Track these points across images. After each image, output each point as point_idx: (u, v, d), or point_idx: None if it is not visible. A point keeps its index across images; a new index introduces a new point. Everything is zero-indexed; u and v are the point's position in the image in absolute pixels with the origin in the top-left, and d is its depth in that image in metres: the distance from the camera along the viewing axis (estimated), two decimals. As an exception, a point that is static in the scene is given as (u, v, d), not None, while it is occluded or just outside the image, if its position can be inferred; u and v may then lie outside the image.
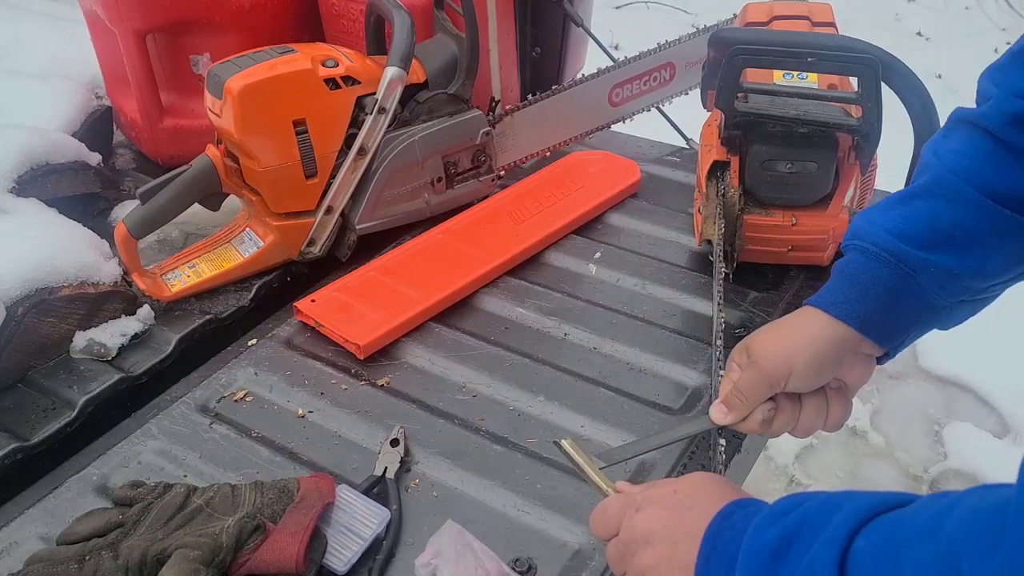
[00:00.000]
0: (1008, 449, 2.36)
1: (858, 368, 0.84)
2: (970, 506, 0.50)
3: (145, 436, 1.01)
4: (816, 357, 0.80)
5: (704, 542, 0.65)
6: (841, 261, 0.84)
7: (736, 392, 0.83)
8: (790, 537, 0.59)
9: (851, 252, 0.83)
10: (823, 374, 0.82)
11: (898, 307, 0.80)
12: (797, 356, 0.80)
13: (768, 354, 0.81)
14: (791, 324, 0.83)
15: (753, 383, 0.82)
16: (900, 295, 0.79)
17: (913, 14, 5.06)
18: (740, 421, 0.84)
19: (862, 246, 0.81)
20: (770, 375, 0.81)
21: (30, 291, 1.04)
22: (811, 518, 0.59)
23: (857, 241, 0.82)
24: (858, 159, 1.19)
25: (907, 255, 0.79)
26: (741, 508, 0.66)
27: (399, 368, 1.10)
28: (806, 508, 0.60)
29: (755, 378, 0.82)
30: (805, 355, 0.80)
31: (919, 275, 0.79)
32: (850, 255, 0.83)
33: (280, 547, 0.80)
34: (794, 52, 1.08)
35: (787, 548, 0.58)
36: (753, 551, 0.60)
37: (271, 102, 1.16)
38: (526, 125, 1.44)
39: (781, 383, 0.81)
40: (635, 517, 0.71)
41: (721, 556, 0.63)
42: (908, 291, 0.79)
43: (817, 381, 0.82)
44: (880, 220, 0.81)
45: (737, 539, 0.62)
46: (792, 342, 0.81)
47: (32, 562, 0.80)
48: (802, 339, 0.81)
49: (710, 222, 1.18)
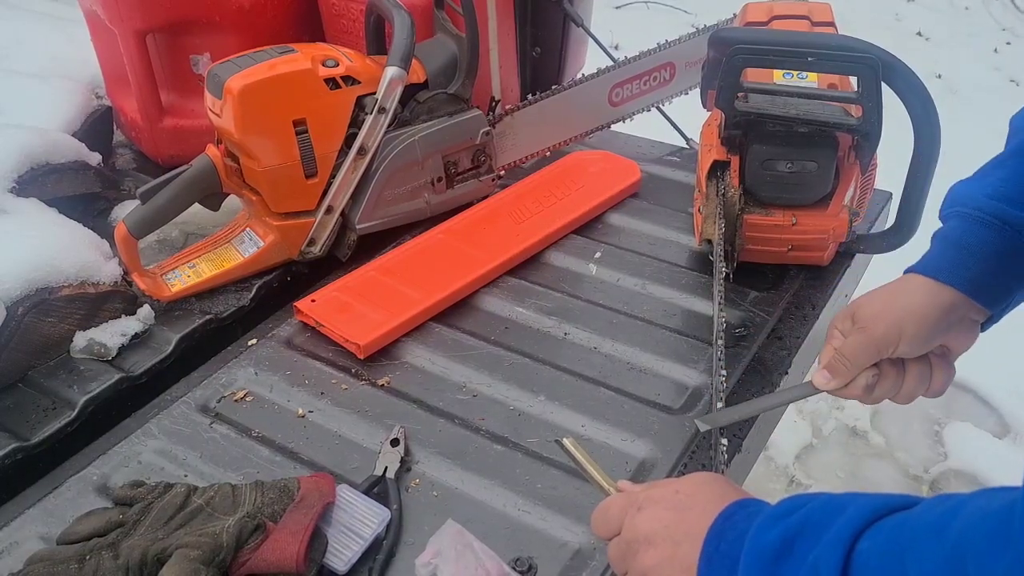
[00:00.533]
0: (1008, 449, 2.36)
1: (964, 333, 0.85)
2: (976, 508, 0.50)
3: (145, 436, 1.01)
4: (926, 322, 0.81)
5: (706, 543, 0.65)
6: (942, 229, 0.84)
7: (840, 357, 0.83)
8: (793, 538, 0.59)
9: (952, 219, 0.84)
10: (932, 339, 0.82)
11: (1005, 269, 0.81)
12: (907, 321, 0.81)
13: (877, 319, 0.82)
14: (897, 290, 0.84)
15: (860, 347, 0.82)
16: (1007, 256, 0.80)
17: (913, 14, 5.06)
18: (843, 387, 0.84)
19: (963, 211, 0.82)
20: (879, 339, 0.81)
21: (30, 291, 1.04)
22: (814, 519, 0.59)
23: (958, 207, 0.83)
24: (858, 159, 1.19)
25: (1010, 216, 0.80)
26: (743, 508, 0.66)
27: (399, 368, 1.10)
28: (809, 509, 0.60)
29: (862, 342, 0.82)
30: (915, 320, 0.81)
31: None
32: (951, 222, 0.84)
33: (280, 547, 0.80)
34: (794, 52, 1.08)
35: (790, 549, 0.58)
36: (755, 551, 0.60)
37: (271, 102, 1.16)
38: (526, 125, 1.44)
39: (890, 348, 0.82)
40: (637, 517, 0.71)
41: (723, 557, 0.63)
42: (1014, 252, 0.80)
43: (925, 347, 0.83)
44: (979, 185, 0.83)
45: (739, 539, 0.62)
46: (901, 307, 0.81)
47: (32, 562, 0.80)
48: (912, 304, 0.81)
49: (710, 222, 1.18)
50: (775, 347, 1.14)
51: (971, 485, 2.27)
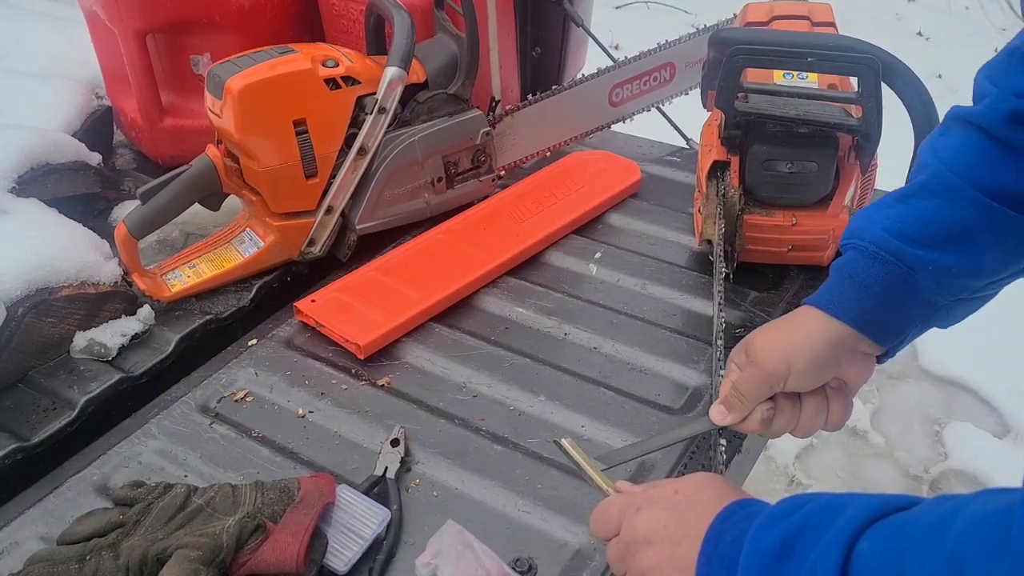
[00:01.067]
0: (1008, 449, 2.36)
1: (858, 367, 0.84)
2: (975, 511, 0.50)
3: (145, 436, 1.01)
4: (815, 356, 0.80)
5: (705, 543, 0.65)
6: (839, 260, 0.84)
7: (735, 392, 0.83)
8: (793, 538, 0.58)
9: (849, 251, 0.83)
10: (822, 373, 0.82)
11: (896, 305, 0.80)
12: (796, 355, 0.80)
13: (767, 353, 0.81)
14: (790, 323, 0.83)
15: (752, 382, 0.82)
16: (898, 293, 0.79)
17: (913, 14, 5.07)
18: (740, 421, 0.84)
19: (860, 245, 0.81)
20: (769, 374, 0.81)
21: (30, 291, 1.04)
22: (814, 519, 0.59)
23: (855, 240, 0.82)
24: (858, 159, 1.19)
25: (905, 253, 0.78)
26: (742, 509, 0.66)
27: (399, 368, 1.10)
28: (809, 509, 0.60)
29: (754, 377, 0.82)
30: (804, 354, 0.80)
31: (917, 273, 0.79)
32: (848, 254, 0.83)
33: (281, 547, 0.80)
34: (794, 52, 1.08)
35: (790, 549, 0.58)
36: (755, 552, 0.60)
37: (271, 102, 1.15)
38: (526, 125, 1.44)
39: (780, 382, 0.81)
40: (635, 517, 0.71)
41: (722, 557, 0.63)
42: (906, 289, 0.79)
43: (816, 380, 0.82)
44: (878, 218, 0.81)
45: (738, 540, 0.62)
46: (791, 341, 0.81)
47: (32, 562, 0.80)
48: (800, 338, 0.81)
49: (710, 222, 1.18)
50: (775, 347, 1.14)
51: (971, 485, 2.27)
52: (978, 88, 0.81)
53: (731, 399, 0.83)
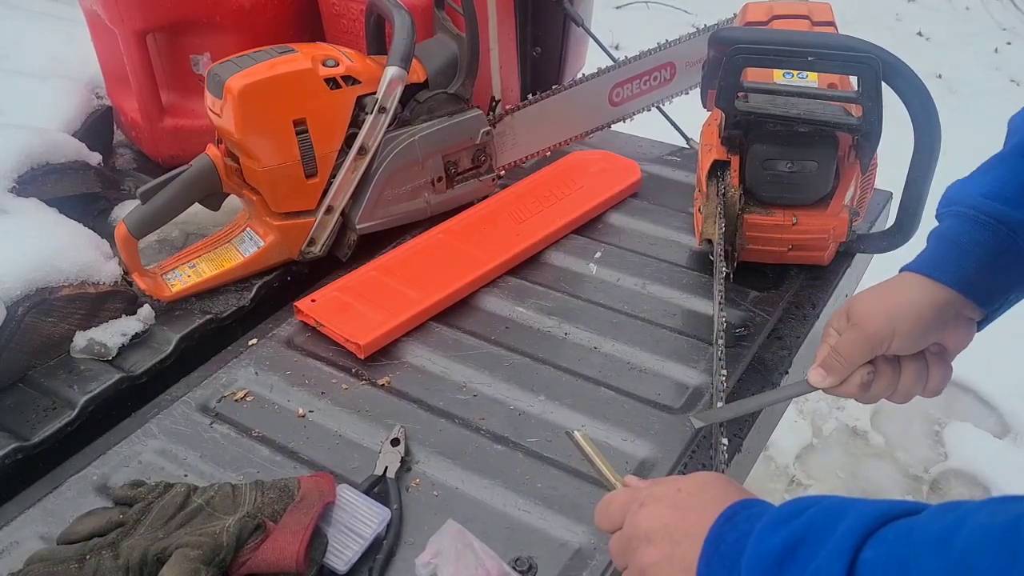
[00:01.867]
0: (1008, 449, 2.36)
1: (959, 331, 0.85)
2: (982, 520, 0.49)
3: (145, 436, 1.01)
4: (920, 319, 0.81)
5: (706, 543, 0.65)
6: (938, 228, 0.85)
7: (835, 355, 0.83)
8: (796, 544, 0.58)
9: (947, 219, 0.84)
10: (926, 337, 0.83)
11: (999, 268, 0.81)
12: (900, 318, 0.81)
13: (871, 316, 0.82)
14: (892, 288, 0.84)
15: (854, 344, 0.82)
16: (1000, 256, 0.81)
17: (913, 14, 5.07)
18: (838, 385, 0.84)
19: (959, 211, 0.83)
20: (872, 336, 0.81)
21: (30, 291, 1.04)
22: (817, 525, 0.58)
23: (954, 207, 0.83)
24: (858, 158, 1.19)
25: (1006, 215, 0.80)
26: (745, 509, 0.66)
27: (399, 368, 1.10)
28: (812, 514, 0.60)
29: (856, 339, 0.82)
30: (909, 317, 0.81)
31: (1019, 235, 0.80)
32: (947, 221, 0.84)
33: (281, 546, 0.80)
34: (795, 51, 1.08)
35: (792, 555, 0.58)
36: (757, 556, 0.60)
37: (271, 102, 1.15)
38: (526, 125, 1.44)
39: (884, 345, 0.82)
40: (638, 513, 0.71)
41: (724, 558, 0.63)
42: (1008, 251, 0.80)
43: (919, 344, 0.83)
44: (975, 185, 0.83)
45: (740, 541, 0.62)
46: (895, 305, 0.82)
47: (32, 561, 0.80)
48: (905, 301, 0.82)
49: (710, 221, 1.18)
50: (775, 347, 1.14)
51: (971, 485, 2.27)
52: None
53: (831, 361, 0.83)
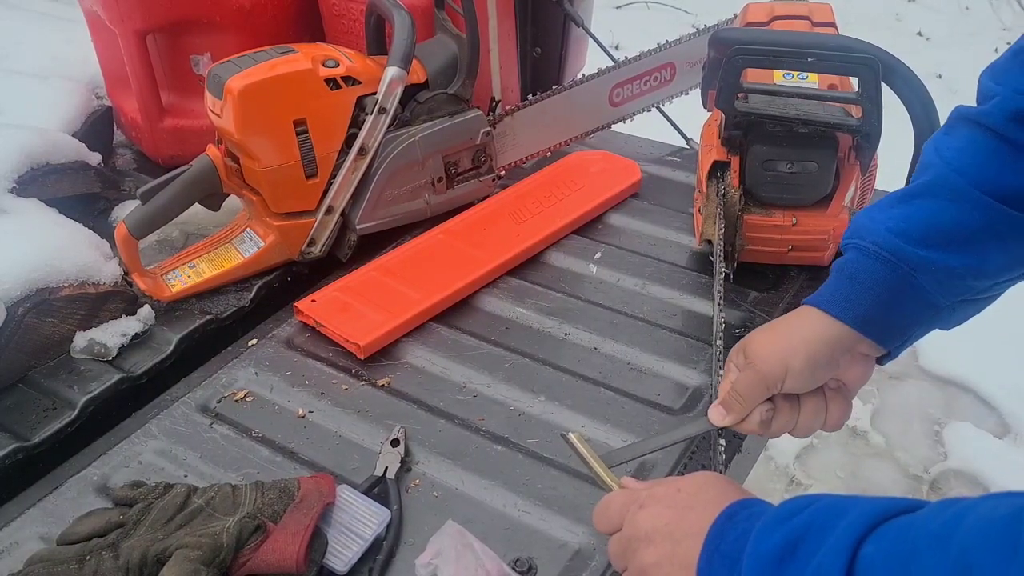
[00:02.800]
0: (1008, 449, 2.36)
1: (857, 368, 0.83)
2: (982, 515, 0.49)
3: (145, 436, 1.01)
4: (812, 357, 0.80)
5: (707, 542, 0.65)
6: (840, 260, 0.83)
7: (733, 394, 0.83)
8: (796, 542, 0.58)
9: (850, 251, 0.82)
10: (819, 375, 0.81)
11: (898, 306, 0.79)
12: (793, 356, 0.80)
13: (764, 355, 0.81)
14: (788, 324, 0.83)
15: (750, 384, 0.82)
16: (900, 294, 0.79)
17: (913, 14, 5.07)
18: (739, 422, 0.84)
19: (861, 245, 0.81)
20: (766, 376, 0.80)
21: (30, 291, 1.04)
22: (817, 523, 0.58)
23: (857, 240, 0.81)
24: (858, 159, 1.19)
25: (907, 254, 0.78)
26: (745, 508, 0.66)
27: (399, 368, 1.10)
28: (812, 512, 0.60)
29: (752, 379, 0.81)
30: (801, 355, 0.80)
31: (919, 274, 0.78)
32: (849, 254, 0.82)
33: (280, 547, 0.80)
34: (794, 52, 1.08)
35: (792, 553, 0.58)
36: (757, 554, 0.60)
37: (271, 102, 1.15)
38: (526, 125, 1.44)
39: (778, 384, 0.81)
40: (638, 514, 0.71)
41: (724, 557, 0.63)
42: (908, 290, 0.79)
43: (814, 381, 0.82)
44: (881, 218, 0.81)
45: (741, 540, 0.62)
46: (788, 342, 0.81)
47: (32, 562, 0.80)
48: (798, 339, 0.80)
49: (710, 222, 1.18)
50: (775, 347, 1.14)
51: (971, 485, 2.27)
52: (982, 89, 0.81)
53: (730, 400, 0.83)
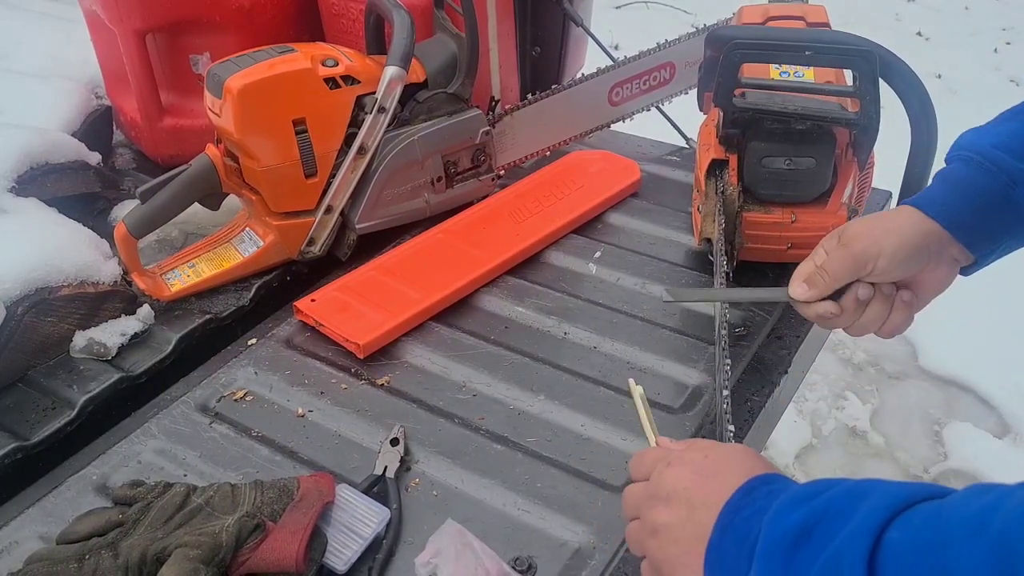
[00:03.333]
0: (1008, 449, 2.36)
1: (940, 270, 0.88)
2: (1020, 502, 0.48)
3: (145, 435, 1.01)
4: (905, 244, 0.84)
5: (722, 514, 0.64)
6: (944, 169, 0.88)
7: (820, 271, 0.86)
8: (814, 524, 0.57)
9: (955, 162, 0.87)
10: (909, 264, 0.86)
11: (992, 215, 0.84)
12: (887, 240, 0.84)
13: (860, 236, 0.85)
14: (884, 217, 0.88)
15: (841, 261, 0.86)
16: (995, 204, 0.83)
17: (913, 14, 5.07)
18: (812, 303, 0.88)
19: (966, 155, 0.85)
20: (858, 255, 0.85)
21: (30, 291, 1.04)
22: (838, 505, 0.58)
23: (963, 152, 0.86)
24: (856, 155, 1.19)
25: (1008, 166, 0.83)
26: (765, 485, 0.65)
27: (399, 367, 1.10)
28: (833, 494, 0.59)
29: (844, 256, 0.86)
30: (894, 240, 0.84)
31: (1018, 186, 0.83)
32: (953, 164, 0.87)
33: (280, 546, 0.80)
34: (792, 46, 1.08)
35: (809, 535, 0.57)
36: (774, 534, 0.59)
37: (271, 101, 1.15)
38: (526, 124, 1.44)
39: (869, 264, 0.85)
40: (664, 472, 0.71)
41: (737, 533, 0.62)
42: (1005, 200, 0.83)
43: (903, 271, 0.86)
44: (986, 134, 0.86)
45: (756, 517, 0.61)
46: (884, 229, 0.85)
47: (32, 561, 0.80)
48: (894, 227, 0.85)
49: (709, 220, 1.18)
50: (775, 346, 1.14)
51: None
52: None
53: (815, 276, 0.87)
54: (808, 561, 0.56)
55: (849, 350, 2.70)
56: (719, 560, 0.64)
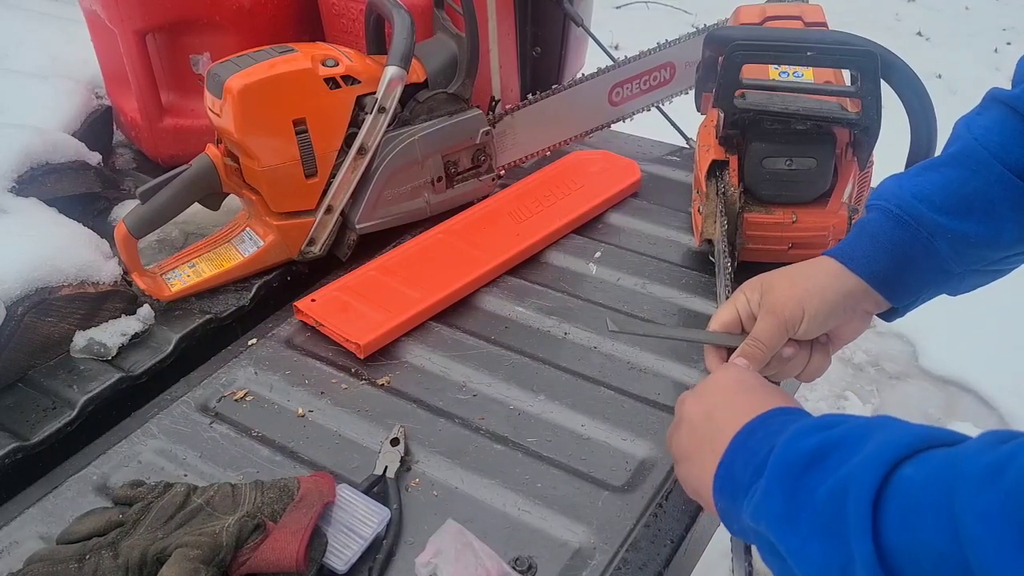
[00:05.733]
0: (1008, 449, 2.35)
1: (855, 323, 0.89)
2: None
3: (145, 435, 1.01)
4: (827, 303, 0.85)
5: (736, 436, 0.66)
6: (863, 219, 0.88)
7: (755, 342, 0.87)
8: (828, 448, 0.58)
9: (874, 211, 0.87)
10: (828, 322, 0.87)
11: (913, 268, 0.84)
12: (809, 301, 0.85)
13: (785, 302, 0.86)
14: (804, 272, 0.88)
15: (773, 331, 0.86)
16: (916, 257, 0.84)
17: (913, 14, 5.07)
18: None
19: (886, 207, 0.86)
20: (787, 320, 0.85)
21: (30, 290, 1.04)
22: (855, 434, 0.58)
23: (882, 201, 0.87)
24: (856, 155, 1.19)
25: (928, 219, 0.83)
26: (783, 414, 0.68)
27: (399, 367, 1.10)
28: (850, 426, 0.60)
29: (774, 325, 0.86)
30: (816, 300, 0.85)
31: (937, 239, 0.83)
32: (872, 214, 0.87)
33: (280, 546, 0.80)
34: (794, 47, 1.08)
35: (823, 458, 0.58)
36: (785, 456, 0.60)
37: (271, 101, 1.15)
38: (526, 124, 1.44)
39: (795, 327, 0.86)
40: (716, 373, 0.77)
41: (748, 452, 0.64)
42: (924, 254, 0.84)
43: (822, 327, 0.87)
44: (907, 184, 0.86)
45: (769, 439, 0.62)
46: (805, 288, 0.86)
47: (32, 561, 0.80)
48: (816, 287, 0.86)
49: (711, 221, 1.18)
50: (775, 346, 1.14)
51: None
52: (1018, 74, 0.86)
53: (752, 350, 0.87)
54: (816, 482, 0.57)
55: (849, 350, 2.70)
56: (728, 475, 0.67)
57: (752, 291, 0.89)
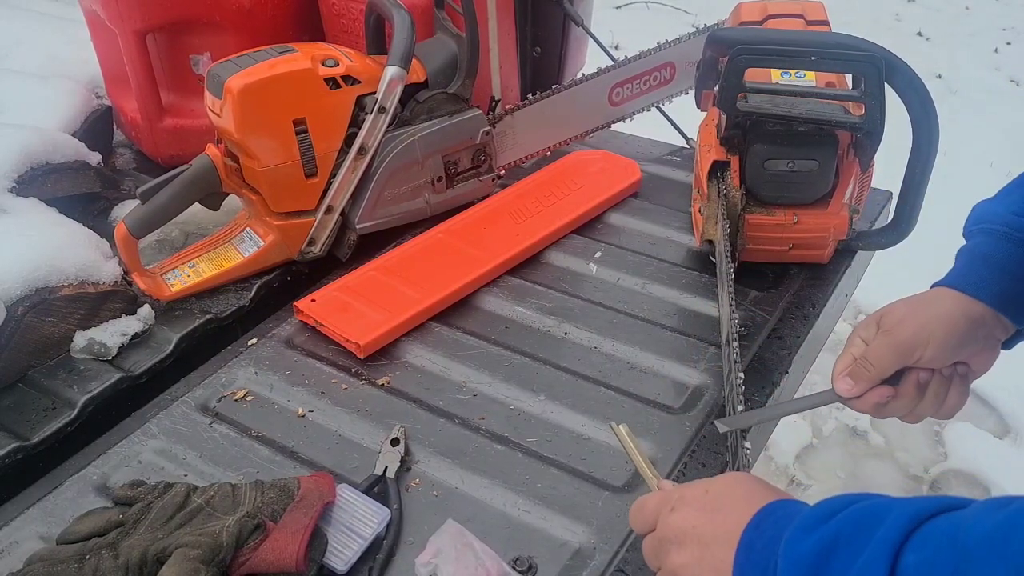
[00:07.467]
0: (1008, 449, 2.36)
1: (987, 351, 0.84)
2: None
3: (145, 435, 1.01)
4: (955, 330, 0.80)
5: (738, 553, 0.64)
6: (967, 245, 0.85)
7: (863, 362, 0.81)
8: (831, 547, 0.56)
9: (977, 235, 0.84)
10: (959, 350, 0.81)
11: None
12: (936, 327, 0.79)
13: (904, 323, 0.80)
14: (925, 300, 0.83)
15: (885, 351, 0.80)
16: None
17: (913, 14, 5.07)
18: (859, 397, 0.82)
19: (989, 228, 0.83)
20: (904, 343, 0.80)
21: (30, 291, 1.04)
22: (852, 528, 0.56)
23: (984, 224, 0.84)
24: (857, 157, 1.19)
25: None
26: (771, 515, 0.65)
27: (399, 367, 1.10)
28: (846, 515, 0.58)
29: (888, 345, 0.80)
30: (944, 327, 0.79)
31: None
32: (976, 239, 0.84)
33: (280, 546, 0.80)
34: (798, 51, 1.08)
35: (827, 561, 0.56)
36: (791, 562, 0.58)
37: (271, 101, 1.15)
38: (526, 124, 1.44)
39: (916, 353, 0.80)
40: (669, 516, 0.70)
41: (756, 566, 0.62)
42: None
43: (951, 356, 0.81)
44: (1003, 204, 0.84)
45: (772, 546, 0.60)
46: (929, 314, 0.81)
47: (32, 561, 0.80)
48: (940, 312, 0.81)
49: (712, 222, 1.18)
50: (775, 347, 1.14)
51: (971, 485, 2.27)
52: None
53: (859, 369, 0.81)
54: None
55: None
56: None
57: (866, 327, 0.84)
